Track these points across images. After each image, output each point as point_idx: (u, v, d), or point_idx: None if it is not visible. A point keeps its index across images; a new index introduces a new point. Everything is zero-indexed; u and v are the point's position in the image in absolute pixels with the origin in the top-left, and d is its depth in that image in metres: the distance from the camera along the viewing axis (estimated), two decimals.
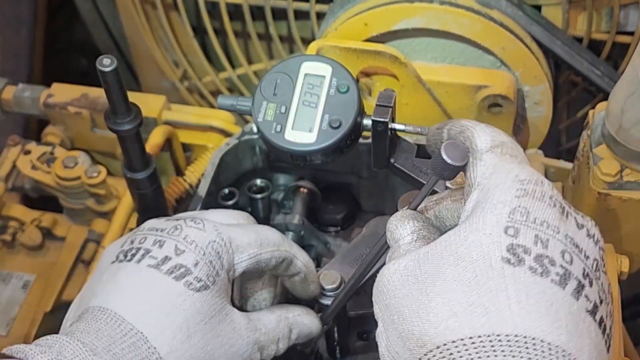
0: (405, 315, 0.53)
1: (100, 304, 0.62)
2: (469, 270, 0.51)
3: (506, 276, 0.50)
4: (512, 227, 0.52)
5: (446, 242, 0.54)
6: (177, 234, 0.65)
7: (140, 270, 0.64)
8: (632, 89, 0.79)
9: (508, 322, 0.49)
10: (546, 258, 0.51)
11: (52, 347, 0.58)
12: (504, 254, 0.51)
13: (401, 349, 0.53)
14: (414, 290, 0.53)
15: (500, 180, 0.55)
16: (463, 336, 0.49)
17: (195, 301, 0.63)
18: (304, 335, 0.73)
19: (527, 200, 0.53)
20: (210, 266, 0.64)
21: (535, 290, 0.50)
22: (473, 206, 0.55)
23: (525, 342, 0.48)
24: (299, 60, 0.70)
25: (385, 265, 0.57)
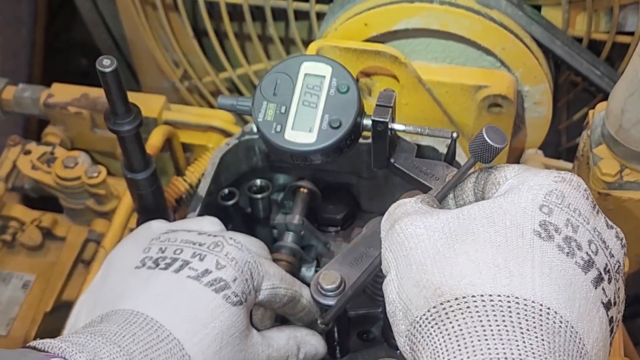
0: (427, 266, 0.53)
1: (133, 308, 0.63)
2: (500, 234, 0.52)
3: (534, 247, 0.52)
4: (547, 206, 0.53)
5: (480, 207, 0.55)
6: (218, 250, 0.68)
7: (179, 279, 0.66)
8: (632, 89, 0.79)
9: (528, 288, 0.50)
10: (574, 241, 0.52)
11: (85, 346, 0.58)
12: (535, 227, 0.52)
13: (415, 295, 0.53)
14: (440, 245, 0.54)
15: (537, 171, 0.57)
16: (483, 292, 0.50)
17: (231, 314, 0.65)
18: (310, 355, 0.75)
19: (564, 186, 0.55)
20: (245, 284, 0.67)
21: (559, 266, 0.51)
22: (507, 188, 0.56)
23: (540, 309, 0.49)
24: (299, 61, 0.70)
25: (405, 219, 0.57)
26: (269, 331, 0.73)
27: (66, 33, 1.75)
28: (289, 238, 0.91)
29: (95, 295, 0.68)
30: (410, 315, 0.53)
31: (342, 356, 0.85)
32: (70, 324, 0.68)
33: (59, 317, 0.98)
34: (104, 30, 1.59)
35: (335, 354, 0.84)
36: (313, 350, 0.75)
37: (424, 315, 0.52)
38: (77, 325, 0.66)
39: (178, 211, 1.03)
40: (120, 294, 0.65)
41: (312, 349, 0.75)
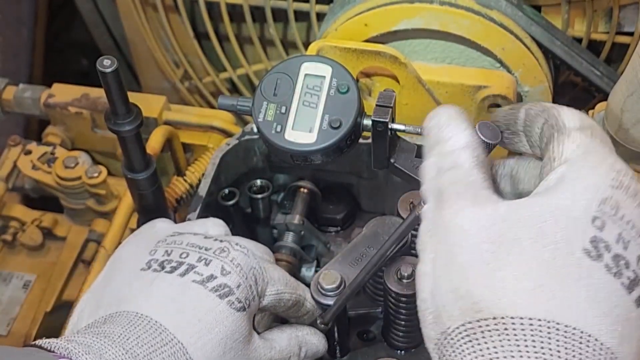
0: (468, 273, 0.50)
1: (137, 310, 0.63)
2: (548, 250, 0.49)
3: (582, 268, 0.49)
4: (600, 218, 0.50)
5: (529, 211, 0.51)
6: (224, 256, 0.68)
7: (184, 283, 0.65)
8: (632, 89, 0.79)
9: (572, 314, 0.48)
10: (623, 259, 0.50)
11: (91, 347, 0.58)
12: (586, 245, 0.49)
13: (450, 304, 0.50)
14: (485, 251, 0.50)
15: (595, 163, 0.52)
16: (524, 315, 0.48)
17: (235, 320, 0.65)
18: (311, 353, 0.75)
19: (620, 194, 0.51)
20: (249, 290, 0.67)
21: (605, 289, 0.49)
22: (559, 179, 0.52)
23: (580, 337, 0.47)
24: (299, 61, 0.70)
25: (455, 203, 0.52)
26: (271, 333, 0.73)
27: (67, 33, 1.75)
28: (289, 238, 0.91)
29: (98, 295, 0.68)
30: (442, 324, 0.51)
31: (342, 356, 0.85)
32: (73, 323, 0.68)
33: (60, 317, 0.99)
34: (104, 31, 1.60)
35: (335, 354, 0.84)
36: (314, 349, 0.75)
37: (458, 329, 0.50)
38: (80, 325, 0.66)
39: (178, 211, 1.03)
40: (125, 296, 0.65)
41: (313, 347, 0.75)
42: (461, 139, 0.55)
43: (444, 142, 0.55)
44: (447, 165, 0.54)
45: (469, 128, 0.56)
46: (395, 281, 0.77)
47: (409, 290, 0.77)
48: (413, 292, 0.77)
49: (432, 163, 0.56)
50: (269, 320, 0.76)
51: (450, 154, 0.55)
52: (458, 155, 0.54)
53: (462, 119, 0.56)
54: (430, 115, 0.58)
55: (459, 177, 0.54)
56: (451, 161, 0.54)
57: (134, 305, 0.63)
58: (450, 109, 0.57)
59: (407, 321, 0.80)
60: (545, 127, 0.56)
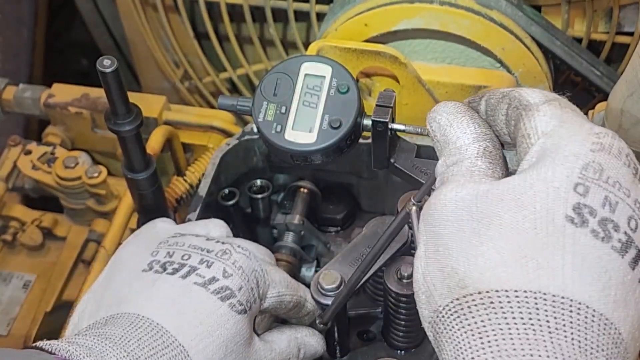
0: (452, 251, 0.50)
1: (138, 312, 0.63)
2: (528, 220, 0.48)
3: (566, 235, 0.48)
4: (583, 184, 0.49)
5: (509, 185, 0.50)
6: (226, 258, 0.68)
7: (185, 285, 0.65)
8: (632, 89, 0.79)
9: (558, 283, 0.47)
10: (611, 222, 0.48)
11: (92, 349, 0.58)
12: (568, 212, 0.48)
13: (439, 283, 0.51)
14: (467, 228, 0.50)
15: (573, 131, 0.51)
16: (508, 287, 0.47)
17: (236, 322, 0.65)
18: (310, 354, 0.75)
19: (603, 156, 0.50)
20: (250, 293, 0.67)
21: (592, 255, 0.48)
22: (540, 153, 0.51)
23: (570, 305, 0.46)
24: (299, 61, 0.70)
25: (442, 188, 0.53)
26: (270, 334, 0.73)
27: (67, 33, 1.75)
28: (289, 238, 0.91)
29: (99, 296, 0.68)
30: (434, 303, 0.51)
31: (342, 356, 0.85)
32: (73, 323, 0.68)
33: (60, 317, 0.99)
34: (104, 31, 1.60)
35: (335, 354, 0.84)
36: (312, 350, 0.76)
37: (447, 307, 0.50)
38: (80, 325, 0.66)
39: (178, 211, 1.03)
40: (126, 297, 0.65)
41: (312, 349, 0.76)
42: (468, 137, 0.55)
43: (452, 142, 0.55)
44: (453, 161, 0.55)
45: (472, 123, 0.55)
46: (395, 281, 0.77)
47: (409, 290, 0.77)
48: (413, 292, 0.77)
49: (441, 162, 0.56)
50: (269, 321, 0.76)
51: (457, 151, 0.55)
52: (465, 150, 0.55)
53: (462, 114, 0.56)
54: (430, 117, 0.58)
55: (462, 168, 0.54)
56: (458, 157, 0.55)
57: (135, 307, 0.63)
58: (448, 107, 0.57)
59: (407, 321, 0.80)
60: (510, 110, 0.55)
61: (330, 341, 0.82)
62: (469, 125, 0.55)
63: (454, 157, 0.55)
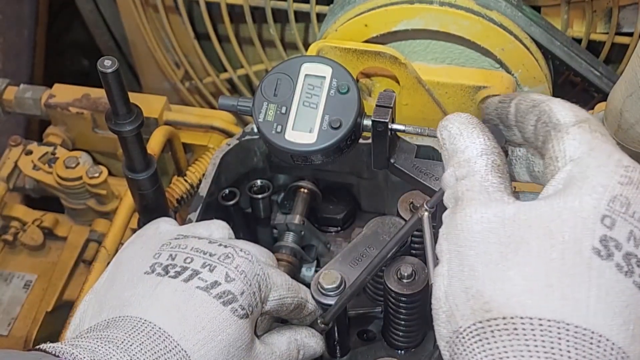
0: (478, 274, 0.50)
1: (141, 316, 0.63)
2: (556, 249, 0.49)
3: (592, 268, 0.49)
4: (610, 217, 0.49)
5: (537, 211, 0.51)
6: (228, 262, 0.68)
7: (188, 289, 0.65)
8: (631, 89, 0.80)
9: (581, 314, 0.48)
10: (634, 258, 0.49)
11: (95, 352, 0.58)
12: (595, 244, 0.49)
13: (462, 303, 0.51)
14: (494, 252, 0.50)
15: (601, 161, 0.52)
16: (532, 315, 0.48)
17: (238, 327, 0.65)
18: (309, 355, 0.76)
19: (630, 190, 0.50)
20: (252, 297, 0.67)
21: (615, 288, 0.48)
22: (567, 181, 0.52)
23: (591, 337, 0.47)
24: (299, 61, 0.70)
25: (467, 206, 0.53)
26: (270, 336, 0.73)
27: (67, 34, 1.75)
28: (289, 238, 0.91)
29: (101, 297, 0.68)
30: (454, 323, 0.51)
31: (342, 355, 0.85)
32: (75, 324, 0.68)
33: (60, 317, 0.99)
34: (105, 31, 1.60)
35: (335, 354, 0.84)
36: (312, 351, 0.76)
37: (469, 328, 0.50)
38: (82, 327, 0.66)
39: (179, 211, 1.03)
40: (128, 300, 0.65)
41: (311, 350, 0.76)
42: (476, 148, 0.55)
43: (460, 152, 0.56)
44: (463, 174, 0.55)
45: (482, 135, 0.56)
46: (395, 281, 0.78)
47: (409, 290, 0.77)
48: (413, 292, 0.77)
49: (450, 173, 0.56)
50: (268, 322, 0.76)
51: (466, 163, 0.55)
52: (474, 163, 0.55)
53: (473, 126, 0.57)
54: (442, 126, 0.58)
55: (474, 183, 0.54)
56: (467, 170, 0.55)
57: (137, 310, 0.63)
58: (460, 117, 0.57)
59: (407, 321, 0.80)
60: (540, 125, 0.56)
61: (330, 341, 0.82)
62: (479, 136, 0.56)
63: (463, 169, 0.55)
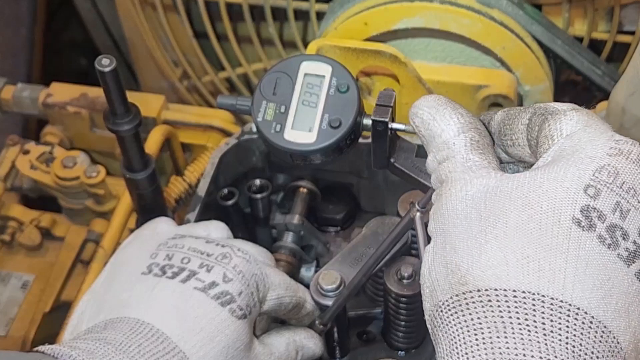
0: (457, 248, 0.50)
1: (138, 317, 0.62)
2: (534, 220, 0.48)
3: (571, 238, 0.47)
4: (594, 187, 0.48)
5: (518, 183, 0.50)
6: (226, 262, 0.67)
7: (185, 290, 0.65)
8: (633, 88, 0.79)
9: (558, 286, 0.46)
10: (619, 230, 0.47)
11: (94, 353, 0.58)
12: (575, 214, 0.47)
13: (442, 278, 0.50)
14: (474, 227, 0.50)
15: (594, 136, 0.50)
16: (507, 287, 0.47)
17: (237, 328, 0.65)
18: (308, 356, 0.75)
19: (620, 160, 0.49)
20: (250, 297, 0.67)
21: (596, 261, 0.47)
22: (556, 155, 0.51)
23: (568, 309, 0.46)
24: (298, 60, 0.70)
25: (452, 186, 0.52)
26: (269, 337, 0.73)
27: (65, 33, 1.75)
28: (288, 238, 0.91)
29: (99, 298, 0.67)
30: (435, 297, 0.51)
31: (342, 356, 0.84)
32: (73, 325, 0.68)
33: (58, 318, 0.98)
34: (103, 30, 1.59)
35: (335, 354, 0.84)
36: (310, 352, 0.75)
37: (447, 302, 0.49)
38: (80, 328, 0.65)
39: (177, 211, 1.02)
40: (126, 301, 0.65)
41: (310, 351, 0.75)
42: (452, 129, 0.54)
43: (437, 136, 0.55)
44: (444, 156, 0.54)
45: (454, 114, 0.55)
46: (395, 281, 0.77)
47: (409, 291, 0.76)
48: (413, 293, 0.76)
49: (431, 158, 0.55)
50: (267, 323, 0.76)
51: (445, 145, 0.54)
52: (453, 144, 0.54)
53: (444, 106, 0.56)
54: (412, 113, 0.57)
55: (456, 164, 0.53)
56: (447, 152, 0.54)
57: (135, 312, 0.63)
58: (428, 101, 0.57)
59: (407, 322, 0.80)
60: (535, 117, 0.54)
61: (330, 342, 0.82)
62: (452, 116, 0.55)
63: (443, 152, 0.54)
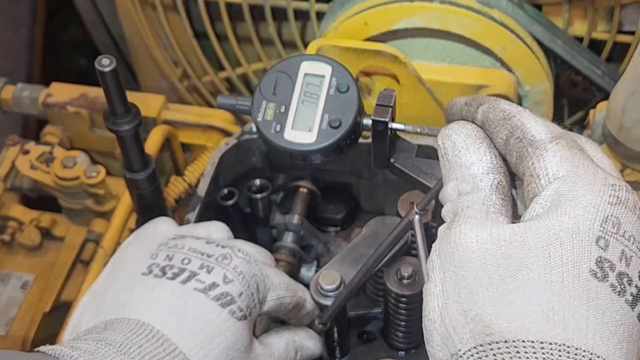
0: (477, 297, 0.50)
1: (139, 318, 0.62)
2: (556, 273, 0.49)
3: (590, 290, 0.49)
4: (603, 238, 0.50)
5: (534, 234, 0.50)
6: (226, 263, 0.67)
7: (186, 291, 0.65)
8: (633, 88, 0.79)
9: (581, 336, 0.48)
10: (626, 277, 0.50)
11: (95, 354, 0.58)
12: (592, 266, 0.49)
13: (461, 327, 0.50)
14: (493, 275, 0.50)
15: (588, 180, 0.51)
16: (535, 339, 0.48)
17: (237, 329, 0.65)
18: (306, 356, 0.75)
19: (620, 210, 0.51)
20: (251, 298, 0.67)
21: (611, 309, 0.49)
22: (555, 199, 0.51)
23: (590, 358, 0.47)
24: (298, 60, 0.70)
25: (461, 223, 0.52)
26: (268, 337, 0.72)
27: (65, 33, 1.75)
28: (288, 238, 0.91)
29: (99, 299, 0.67)
30: (452, 346, 0.51)
31: (342, 356, 0.84)
32: (72, 325, 0.67)
33: (58, 318, 0.98)
34: (103, 30, 1.59)
35: (334, 355, 0.84)
36: (309, 352, 0.75)
37: (469, 352, 0.49)
38: (80, 328, 0.65)
39: (177, 211, 1.02)
40: (126, 301, 0.65)
41: (309, 351, 0.75)
42: (483, 165, 0.54)
43: (465, 167, 0.55)
44: (467, 189, 0.54)
45: (489, 152, 0.55)
46: (395, 281, 0.77)
47: (409, 291, 0.76)
48: (413, 293, 0.76)
49: (453, 187, 0.55)
50: (266, 323, 0.76)
51: (471, 179, 0.54)
52: (480, 180, 0.54)
53: (480, 141, 0.55)
54: (445, 135, 0.56)
55: (477, 200, 0.53)
56: (472, 186, 0.54)
57: (135, 313, 0.63)
58: (466, 129, 0.56)
59: (407, 322, 0.80)
60: (513, 140, 0.54)
61: (330, 342, 0.82)
62: (486, 154, 0.55)
63: (468, 185, 0.54)
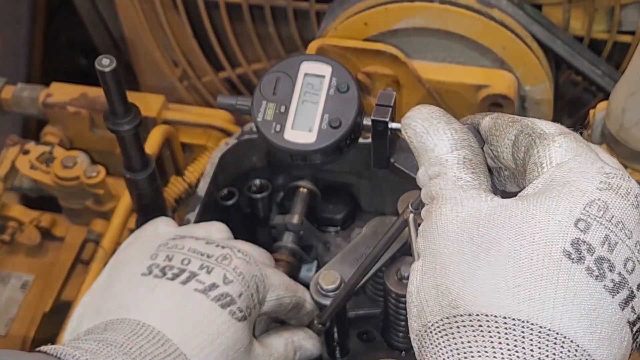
0: (449, 271, 0.51)
1: (139, 319, 0.62)
2: (526, 250, 0.49)
3: (561, 270, 0.49)
4: (585, 220, 0.49)
5: (511, 213, 0.51)
6: (226, 263, 0.67)
7: (186, 292, 0.65)
8: (633, 88, 0.79)
9: (546, 315, 0.48)
10: (607, 262, 0.49)
11: (97, 354, 0.58)
12: (566, 247, 0.49)
13: (432, 299, 0.51)
14: (467, 251, 0.51)
15: (584, 167, 0.51)
16: (498, 314, 0.48)
17: (237, 330, 0.65)
18: (305, 357, 0.75)
19: (609, 195, 0.50)
20: (250, 299, 0.67)
21: (584, 292, 0.48)
22: (546, 184, 0.52)
23: (555, 338, 0.47)
24: (298, 60, 0.70)
25: (442, 205, 0.53)
26: (268, 337, 0.72)
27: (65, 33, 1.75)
28: (288, 238, 0.90)
29: (99, 299, 0.67)
30: (424, 317, 0.52)
31: (342, 356, 0.84)
32: (72, 326, 0.67)
33: (58, 318, 0.98)
34: (103, 30, 1.59)
35: (334, 355, 0.84)
36: (308, 352, 0.76)
37: (436, 323, 0.50)
38: (80, 329, 0.65)
39: (177, 211, 1.02)
40: (126, 302, 0.65)
41: (308, 352, 0.75)
42: (445, 144, 0.55)
43: (429, 150, 0.55)
44: (435, 172, 0.55)
45: (448, 129, 0.55)
46: (395, 282, 0.77)
47: None
48: None
49: (423, 172, 0.56)
50: (266, 323, 0.76)
51: (437, 161, 0.55)
52: (445, 160, 0.54)
53: (438, 120, 0.56)
54: (405, 124, 0.57)
55: (447, 181, 0.54)
56: (439, 168, 0.54)
57: (135, 313, 0.63)
58: (422, 113, 0.56)
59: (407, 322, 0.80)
60: (522, 137, 0.55)
61: (330, 342, 0.82)
62: (446, 131, 0.55)
63: (435, 167, 0.55)
